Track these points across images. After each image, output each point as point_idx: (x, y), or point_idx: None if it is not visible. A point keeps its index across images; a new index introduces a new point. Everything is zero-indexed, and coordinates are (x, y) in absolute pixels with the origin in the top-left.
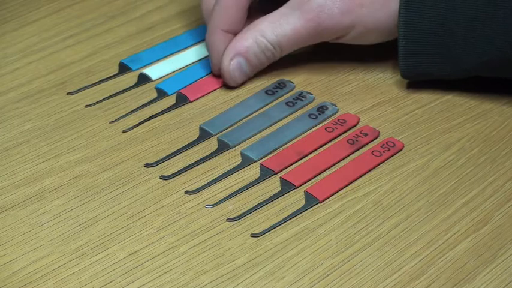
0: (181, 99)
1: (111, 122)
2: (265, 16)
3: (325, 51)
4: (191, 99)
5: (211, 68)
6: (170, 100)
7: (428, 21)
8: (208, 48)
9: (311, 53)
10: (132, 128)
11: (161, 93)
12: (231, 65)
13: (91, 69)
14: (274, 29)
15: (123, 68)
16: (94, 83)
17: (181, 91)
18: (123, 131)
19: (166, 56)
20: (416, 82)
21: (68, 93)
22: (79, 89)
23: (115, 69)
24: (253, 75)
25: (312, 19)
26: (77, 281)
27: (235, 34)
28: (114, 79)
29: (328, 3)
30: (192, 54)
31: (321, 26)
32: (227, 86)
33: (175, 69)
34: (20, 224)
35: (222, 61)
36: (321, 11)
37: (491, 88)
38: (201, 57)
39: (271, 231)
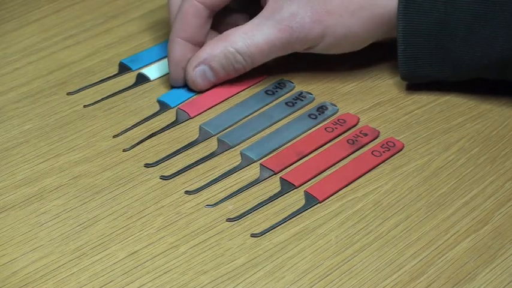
0: (182, 116)
1: (114, 137)
2: (238, 27)
3: None
4: (191, 115)
5: (169, 76)
6: (171, 115)
7: (427, 25)
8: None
9: (311, 53)
10: (133, 146)
11: (164, 106)
12: (195, 72)
13: (91, 69)
14: (246, 40)
15: (123, 68)
16: (94, 83)
17: (181, 107)
18: (124, 150)
19: (166, 56)
20: (416, 82)
21: (68, 93)
22: (79, 89)
23: (115, 69)
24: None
25: (284, 29)
26: (77, 281)
27: (195, 44)
28: (114, 79)
29: (300, 12)
30: None
31: (293, 35)
32: (228, 98)
33: None
34: (20, 224)
35: (187, 68)
36: (292, 20)
37: (491, 88)
38: None
39: (271, 231)
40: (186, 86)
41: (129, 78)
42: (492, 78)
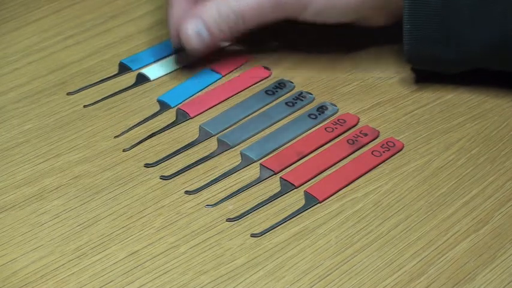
0: (182, 116)
1: (115, 137)
2: None
3: (325, 51)
4: (191, 115)
5: (170, 39)
6: (171, 115)
7: (434, 3)
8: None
9: (311, 53)
10: (133, 146)
11: (164, 106)
12: (190, 29)
13: (91, 69)
14: None
15: (123, 68)
16: (94, 83)
17: (181, 107)
18: (124, 150)
19: (166, 56)
20: (416, 81)
21: (68, 93)
22: (79, 89)
23: (115, 69)
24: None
25: None
26: (77, 281)
27: (193, 2)
28: (114, 79)
29: None
30: None
31: None
32: (229, 96)
33: (174, 69)
34: (20, 224)
35: (181, 26)
36: None
37: (491, 88)
38: None
39: (271, 231)
40: (187, 82)
41: (129, 78)
42: (496, 67)
